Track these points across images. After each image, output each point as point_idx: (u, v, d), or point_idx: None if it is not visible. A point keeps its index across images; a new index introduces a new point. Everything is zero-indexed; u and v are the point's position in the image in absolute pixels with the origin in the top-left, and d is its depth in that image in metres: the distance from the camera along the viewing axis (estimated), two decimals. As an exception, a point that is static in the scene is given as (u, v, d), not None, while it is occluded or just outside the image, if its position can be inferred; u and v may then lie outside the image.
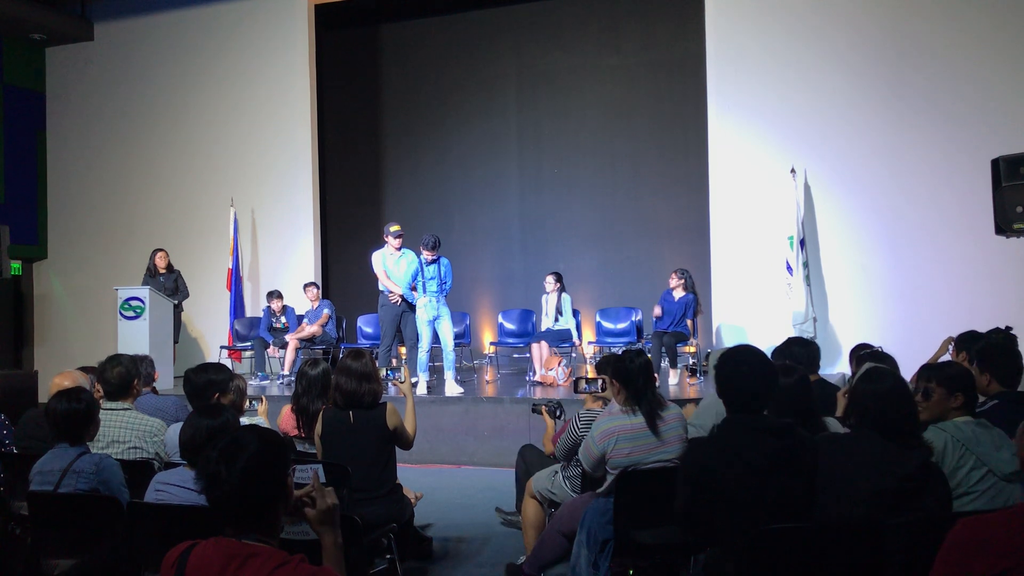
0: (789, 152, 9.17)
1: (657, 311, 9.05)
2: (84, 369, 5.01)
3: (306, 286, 10.23)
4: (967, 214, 8.37)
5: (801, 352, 4.74)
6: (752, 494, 2.75)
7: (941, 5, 8.90)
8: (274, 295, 10.21)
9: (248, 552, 1.97)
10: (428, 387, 8.50)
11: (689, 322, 9.08)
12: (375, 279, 8.85)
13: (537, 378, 9.07)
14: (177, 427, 3.81)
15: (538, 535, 4.42)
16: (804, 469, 2.82)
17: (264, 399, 5.12)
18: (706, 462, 2.88)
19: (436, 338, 8.58)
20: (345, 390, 4.37)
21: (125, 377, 4.47)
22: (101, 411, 3.92)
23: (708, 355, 4.73)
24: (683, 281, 9.08)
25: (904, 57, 8.94)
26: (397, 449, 4.52)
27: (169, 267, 10.16)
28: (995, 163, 6.50)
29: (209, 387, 4.27)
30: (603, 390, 4.33)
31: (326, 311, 10.00)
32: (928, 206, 8.79)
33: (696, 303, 9.18)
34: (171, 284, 10.05)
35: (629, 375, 3.91)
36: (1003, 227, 6.44)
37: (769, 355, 4.72)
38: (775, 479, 2.77)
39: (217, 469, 2.02)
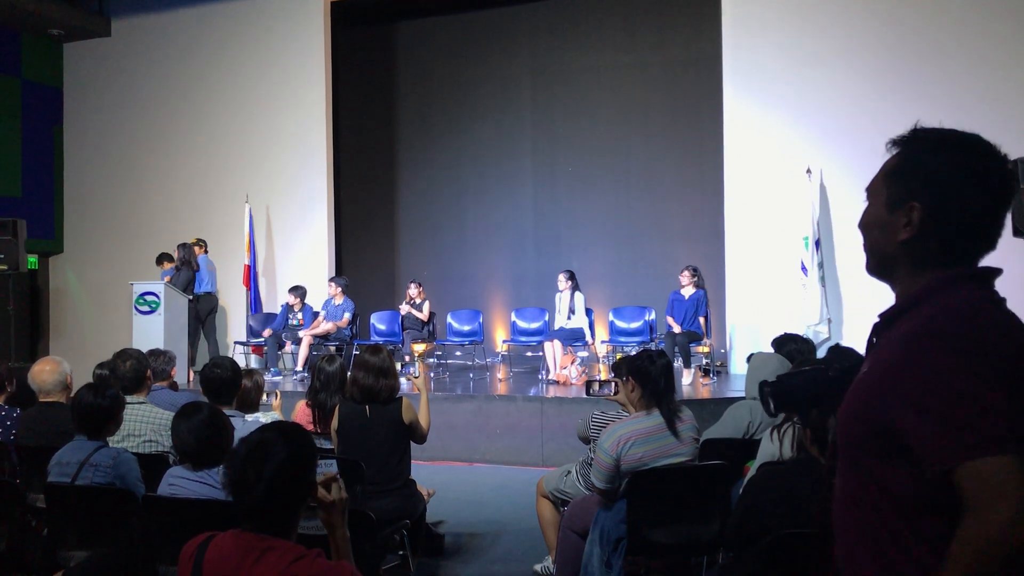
0: (805, 152, 9.12)
1: (670, 321, 9.05)
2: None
3: (331, 280, 10.26)
4: (985, 216, 8.31)
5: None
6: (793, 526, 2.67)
7: (960, 5, 8.83)
8: (297, 291, 10.22)
9: (266, 546, 1.98)
10: None
11: (702, 319, 9.06)
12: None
13: (551, 377, 9.07)
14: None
15: (556, 532, 4.39)
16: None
17: (279, 394, 5.15)
18: (754, 501, 2.81)
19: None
20: (363, 385, 4.38)
21: (137, 370, 4.51)
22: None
23: (750, 357, 4.53)
24: (695, 279, 9.08)
25: (921, 57, 8.88)
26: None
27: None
28: (1013, 164, 6.47)
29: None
30: (615, 393, 4.24)
31: (347, 315, 10.00)
32: (945, 207, 8.72)
33: (707, 298, 9.17)
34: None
35: (650, 376, 3.80)
36: (1021, 229, 6.40)
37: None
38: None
39: (244, 471, 2.01)
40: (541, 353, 9.57)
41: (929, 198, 1.49)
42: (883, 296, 1.60)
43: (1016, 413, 1.30)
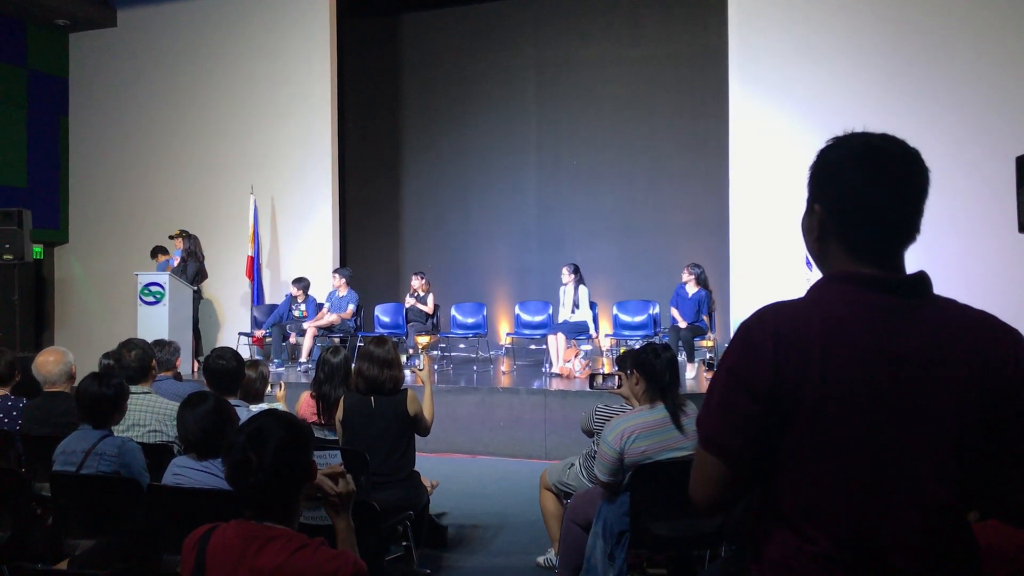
0: (810, 146, 9.01)
1: (675, 313, 9.05)
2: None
3: (336, 271, 10.26)
4: (990, 212, 8.29)
5: None
6: None
7: (965, 1, 8.80)
8: (300, 283, 10.22)
9: (268, 535, 1.99)
10: None
11: (705, 317, 9.05)
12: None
13: (555, 370, 9.07)
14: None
15: (559, 525, 4.40)
16: None
17: (283, 384, 5.17)
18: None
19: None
20: (368, 376, 4.40)
21: (143, 360, 4.52)
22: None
23: None
24: (695, 276, 9.04)
25: (928, 53, 8.86)
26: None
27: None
28: (1020, 160, 6.44)
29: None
30: (619, 387, 4.23)
31: (351, 306, 10.01)
32: (951, 203, 8.70)
33: (710, 299, 9.13)
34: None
35: (654, 369, 3.81)
36: (1026, 224, 6.38)
37: None
38: None
39: (245, 456, 2.02)
40: (545, 346, 9.57)
41: (827, 198, 1.53)
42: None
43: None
